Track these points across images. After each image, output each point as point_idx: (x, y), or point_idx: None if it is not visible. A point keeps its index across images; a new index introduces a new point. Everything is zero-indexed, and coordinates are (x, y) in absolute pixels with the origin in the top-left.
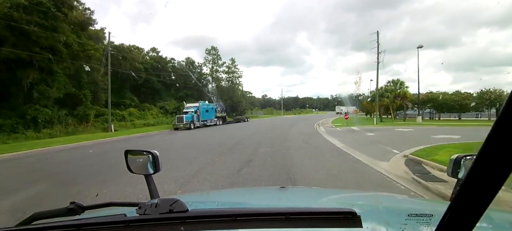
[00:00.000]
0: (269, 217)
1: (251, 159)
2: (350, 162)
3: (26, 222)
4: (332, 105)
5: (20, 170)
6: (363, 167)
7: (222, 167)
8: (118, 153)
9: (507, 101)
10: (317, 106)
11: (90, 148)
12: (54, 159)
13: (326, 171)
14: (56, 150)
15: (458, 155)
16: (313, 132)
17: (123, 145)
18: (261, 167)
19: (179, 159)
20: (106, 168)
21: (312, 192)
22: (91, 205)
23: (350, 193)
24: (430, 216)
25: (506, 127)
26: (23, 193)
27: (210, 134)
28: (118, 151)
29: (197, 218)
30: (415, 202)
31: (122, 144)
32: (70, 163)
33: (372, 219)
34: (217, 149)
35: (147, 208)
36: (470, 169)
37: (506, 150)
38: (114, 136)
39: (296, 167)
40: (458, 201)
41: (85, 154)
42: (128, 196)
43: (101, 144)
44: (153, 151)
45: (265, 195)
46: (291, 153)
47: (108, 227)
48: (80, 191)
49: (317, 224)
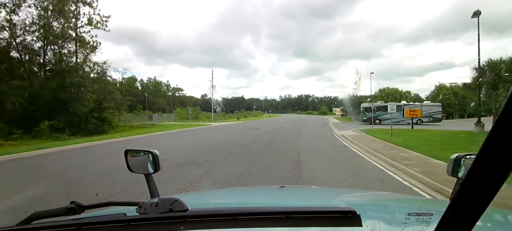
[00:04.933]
0: (269, 216)
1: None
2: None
3: (26, 222)
4: (280, 107)
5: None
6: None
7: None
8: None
9: (507, 101)
10: (269, 108)
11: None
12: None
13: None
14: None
15: (458, 154)
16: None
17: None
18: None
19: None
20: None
21: (312, 191)
22: (91, 205)
23: (350, 192)
24: (430, 215)
25: (506, 126)
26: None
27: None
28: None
29: (197, 217)
30: (415, 201)
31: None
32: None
33: (372, 218)
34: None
35: (147, 207)
36: (470, 168)
37: (506, 149)
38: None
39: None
40: (458, 200)
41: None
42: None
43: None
44: (153, 151)
45: (265, 194)
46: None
47: (108, 227)
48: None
49: (317, 223)
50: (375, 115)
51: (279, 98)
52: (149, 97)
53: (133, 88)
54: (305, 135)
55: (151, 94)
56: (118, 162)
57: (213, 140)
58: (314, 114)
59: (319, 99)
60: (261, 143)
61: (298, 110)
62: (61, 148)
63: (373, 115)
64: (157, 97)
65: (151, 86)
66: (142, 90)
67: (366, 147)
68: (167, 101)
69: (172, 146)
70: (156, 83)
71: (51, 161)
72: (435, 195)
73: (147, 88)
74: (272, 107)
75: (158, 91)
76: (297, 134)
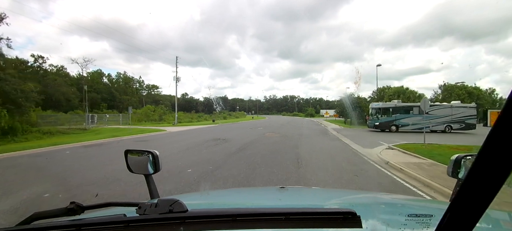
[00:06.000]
0: (269, 217)
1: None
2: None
3: (26, 222)
4: (265, 108)
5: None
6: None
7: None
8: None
9: (507, 101)
10: (253, 109)
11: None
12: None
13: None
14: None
15: (458, 155)
16: None
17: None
18: None
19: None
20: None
21: (312, 192)
22: (91, 205)
23: (350, 194)
24: (430, 216)
25: (506, 127)
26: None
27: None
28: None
29: (197, 218)
30: (414, 202)
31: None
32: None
33: (372, 219)
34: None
35: (147, 208)
36: (470, 169)
37: (506, 150)
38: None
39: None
40: (458, 201)
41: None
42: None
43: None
44: (153, 151)
45: (265, 195)
46: None
47: (108, 227)
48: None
49: (317, 224)
50: (391, 119)
51: (264, 99)
52: (116, 94)
53: (98, 83)
54: (309, 158)
55: (119, 91)
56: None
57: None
58: (301, 116)
59: (304, 100)
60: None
61: (283, 111)
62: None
63: (389, 119)
64: (127, 94)
65: (121, 81)
66: (113, 86)
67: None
68: (139, 98)
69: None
70: (127, 78)
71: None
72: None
73: (117, 84)
74: (256, 107)
75: (129, 88)
76: (293, 152)
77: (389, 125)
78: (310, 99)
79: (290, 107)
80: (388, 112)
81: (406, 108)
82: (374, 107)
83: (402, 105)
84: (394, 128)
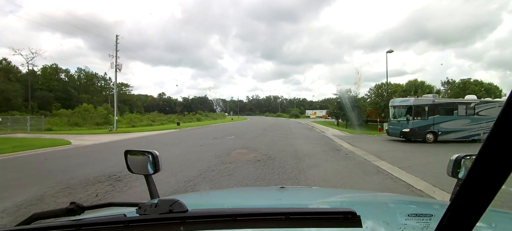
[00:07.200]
0: (269, 217)
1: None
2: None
3: (26, 222)
4: (248, 108)
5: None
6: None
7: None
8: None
9: (507, 101)
10: (232, 110)
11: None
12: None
13: None
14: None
15: (458, 155)
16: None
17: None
18: None
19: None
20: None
21: (312, 192)
22: (91, 205)
23: (350, 193)
24: (430, 216)
25: (506, 127)
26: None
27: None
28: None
29: (197, 218)
30: (415, 202)
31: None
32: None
33: (372, 219)
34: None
35: (147, 208)
36: (470, 169)
37: (506, 150)
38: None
39: None
40: (458, 201)
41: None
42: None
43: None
44: (153, 151)
45: (265, 195)
46: None
47: (108, 227)
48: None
49: (317, 224)
50: (427, 122)
51: (246, 99)
52: (74, 93)
53: (52, 80)
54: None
55: (78, 89)
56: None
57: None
58: (285, 117)
59: (288, 101)
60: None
61: (267, 112)
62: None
63: (424, 123)
64: (88, 92)
65: (83, 78)
66: (73, 83)
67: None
68: (105, 98)
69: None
70: (89, 75)
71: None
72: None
73: (79, 80)
74: (237, 108)
75: (91, 86)
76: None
77: (424, 132)
78: (294, 99)
79: (274, 108)
80: (423, 113)
81: (449, 106)
82: (399, 105)
83: (444, 102)
84: (430, 136)
